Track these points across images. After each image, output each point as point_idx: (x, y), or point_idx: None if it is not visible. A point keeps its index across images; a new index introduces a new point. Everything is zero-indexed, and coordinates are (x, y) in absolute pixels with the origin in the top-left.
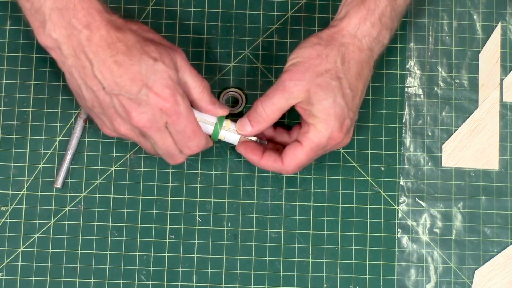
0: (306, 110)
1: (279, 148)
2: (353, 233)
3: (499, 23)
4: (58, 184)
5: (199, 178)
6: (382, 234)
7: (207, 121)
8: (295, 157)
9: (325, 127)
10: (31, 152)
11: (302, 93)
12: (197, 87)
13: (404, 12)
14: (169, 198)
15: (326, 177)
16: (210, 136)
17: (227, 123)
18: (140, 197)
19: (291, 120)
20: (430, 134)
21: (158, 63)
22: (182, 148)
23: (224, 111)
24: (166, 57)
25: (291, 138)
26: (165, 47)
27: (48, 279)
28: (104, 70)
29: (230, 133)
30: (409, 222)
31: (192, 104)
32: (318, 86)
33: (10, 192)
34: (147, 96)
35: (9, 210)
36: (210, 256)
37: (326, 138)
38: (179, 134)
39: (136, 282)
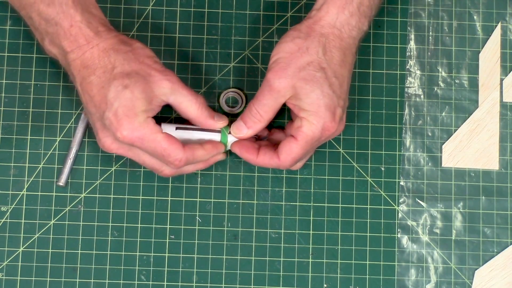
0: (296, 105)
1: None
2: (353, 233)
3: (499, 23)
4: (62, 182)
5: (199, 178)
6: (382, 234)
7: (211, 133)
8: (291, 152)
9: (317, 119)
10: (31, 152)
11: (289, 90)
12: (192, 105)
13: (381, 1)
14: (169, 198)
15: (326, 177)
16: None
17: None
18: (140, 197)
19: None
20: (430, 134)
21: (126, 91)
22: (166, 164)
23: (224, 122)
24: (138, 87)
25: (287, 136)
26: (143, 76)
27: (48, 279)
28: (81, 88)
29: (232, 139)
30: (409, 222)
31: (192, 122)
32: (303, 80)
33: (10, 192)
34: (109, 120)
35: (9, 210)
36: (210, 256)
37: (320, 130)
38: (153, 154)
39: (136, 282)
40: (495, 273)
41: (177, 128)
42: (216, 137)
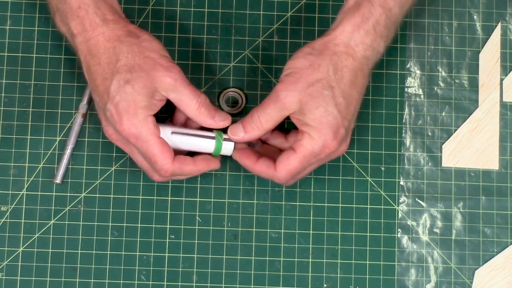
0: (299, 120)
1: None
2: (353, 233)
3: (499, 23)
4: (58, 179)
5: (199, 178)
6: (382, 234)
7: (206, 139)
8: (288, 163)
9: (318, 135)
10: (31, 152)
11: (294, 104)
12: (192, 104)
13: (400, 22)
14: (169, 198)
15: (326, 177)
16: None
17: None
18: (140, 197)
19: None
20: (430, 134)
21: (127, 86)
22: (153, 170)
23: (225, 123)
24: (140, 82)
25: (288, 142)
26: (146, 71)
27: (48, 279)
28: (87, 75)
29: (224, 143)
30: (409, 222)
31: (193, 120)
32: (310, 96)
33: (10, 192)
34: (110, 112)
35: (9, 210)
36: (210, 256)
37: (320, 146)
38: (143, 156)
39: (136, 282)
40: (495, 273)
41: (172, 133)
42: (210, 143)
